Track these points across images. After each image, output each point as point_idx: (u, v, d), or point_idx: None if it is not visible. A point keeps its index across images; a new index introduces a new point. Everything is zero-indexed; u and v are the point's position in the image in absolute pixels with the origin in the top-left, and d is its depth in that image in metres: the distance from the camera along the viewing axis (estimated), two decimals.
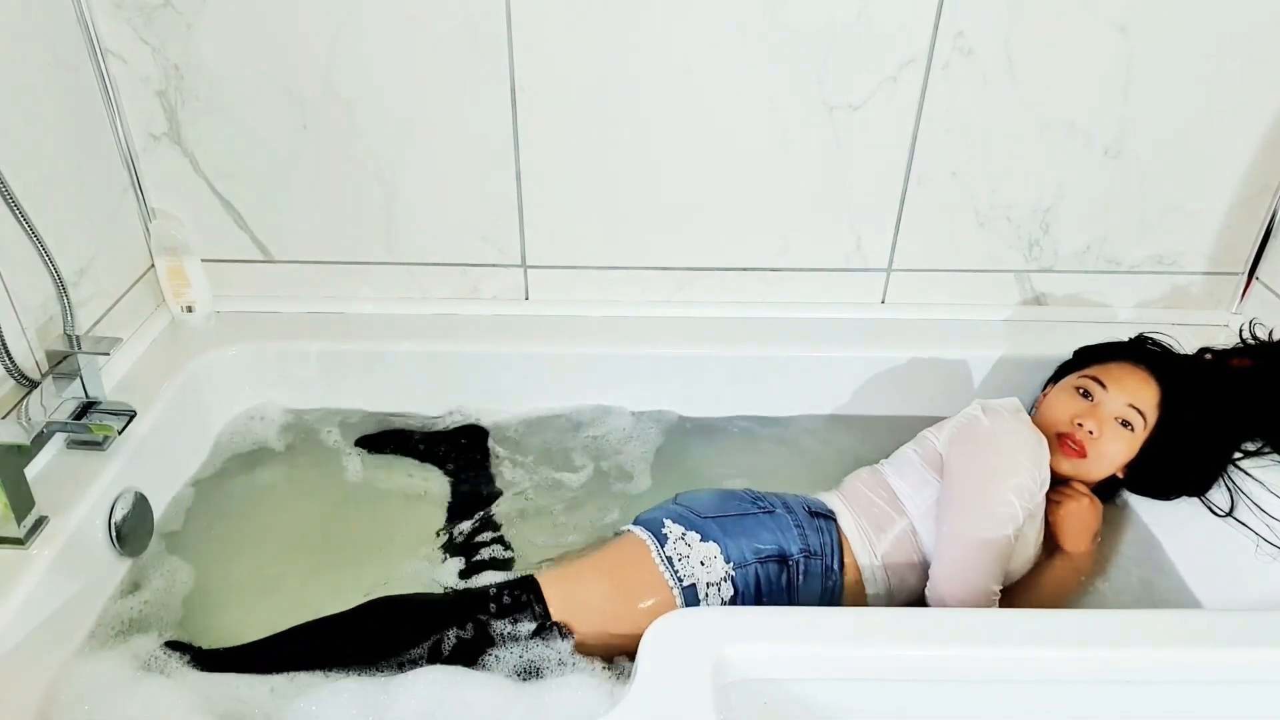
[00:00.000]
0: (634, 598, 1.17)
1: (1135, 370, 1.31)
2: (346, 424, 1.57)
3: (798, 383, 1.59)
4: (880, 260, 1.60)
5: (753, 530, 1.22)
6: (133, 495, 1.26)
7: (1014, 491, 1.19)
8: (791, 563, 1.21)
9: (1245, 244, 1.59)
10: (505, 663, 1.11)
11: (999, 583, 1.19)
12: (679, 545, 1.20)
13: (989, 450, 1.23)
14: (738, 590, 1.18)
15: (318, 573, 1.31)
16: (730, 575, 1.18)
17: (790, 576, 1.21)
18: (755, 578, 1.19)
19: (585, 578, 1.20)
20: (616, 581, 1.19)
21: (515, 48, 1.40)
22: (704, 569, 1.18)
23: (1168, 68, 1.43)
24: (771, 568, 1.20)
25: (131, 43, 1.39)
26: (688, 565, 1.18)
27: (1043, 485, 1.22)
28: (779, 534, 1.22)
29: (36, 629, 1.08)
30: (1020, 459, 1.21)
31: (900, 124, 1.47)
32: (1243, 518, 1.27)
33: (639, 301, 1.63)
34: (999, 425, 1.25)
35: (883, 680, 1.00)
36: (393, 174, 1.51)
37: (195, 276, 1.53)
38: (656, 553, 1.19)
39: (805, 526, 1.24)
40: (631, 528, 1.25)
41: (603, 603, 1.17)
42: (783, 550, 1.21)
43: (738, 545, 1.20)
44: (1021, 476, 1.20)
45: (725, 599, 1.18)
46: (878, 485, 1.31)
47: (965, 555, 1.19)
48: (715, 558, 1.19)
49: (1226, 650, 1.00)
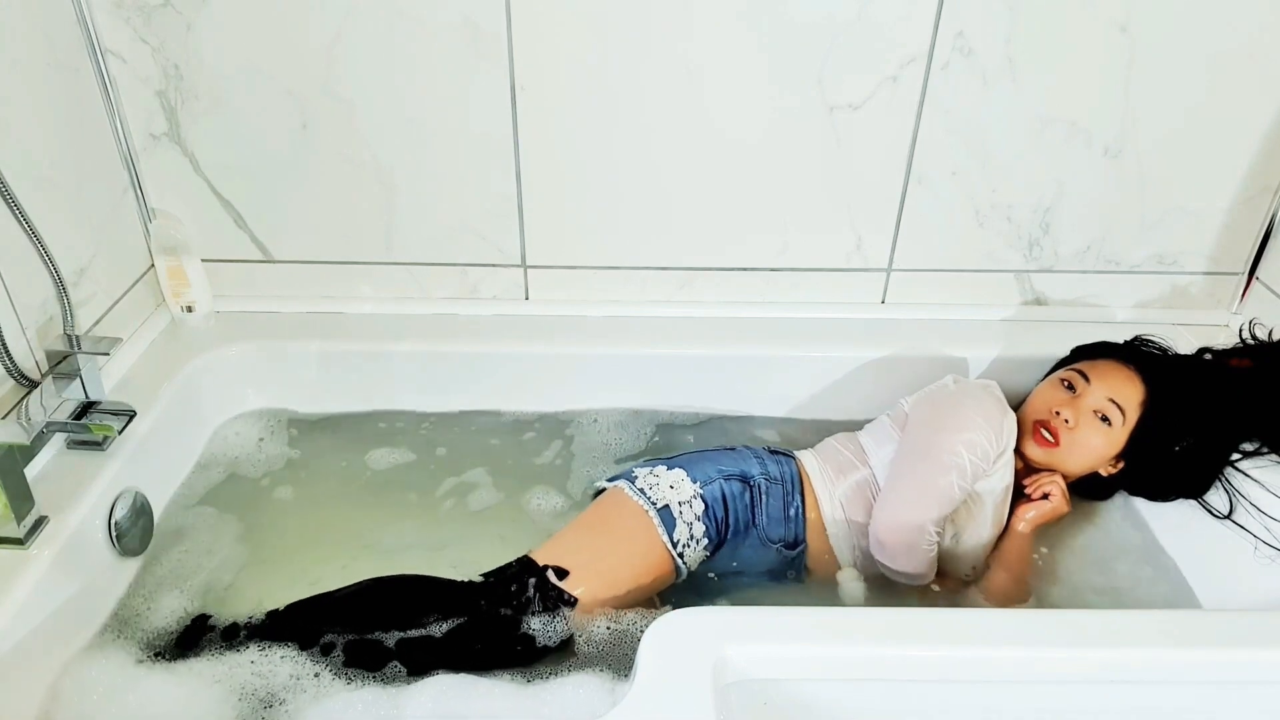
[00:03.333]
0: (619, 535, 1.25)
1: (1122, 368, 1.32)
2: (346, 424, 1.57)
3: (798, 383, 1.59)
4: (880, 260, 1.60)
5: (715, 458, 1.33)
6: (133, 495, 1.27)
7: (964, 444, 1.23)
8: (753, 483, 1.30)
9: (1245, 244, 1.59)
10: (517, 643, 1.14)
11: (936, 525, 1.23)
12: (649, 478, 1.29)
13: (947, 406, 1.30)
14: (707, 504, 1.27)
15: (319, 573, 1.31)
16: (699, 493, 1.27)
17: (753, 495, 1.29)
18: (721, 493, 1.28)
19: (572, 535, 1.27)
20: (600, 528, 1.27)
21: (515, 48, 1.40)
22: (673, 491, 1.27)
23: (1168, 68, 1.43)
24: (735, 484, 1.29)
25: (131, 43, 1.39)
26: (659, 490, 1.27)
27: (1000, 454, 1.26)
28: (740, 462, 1.32)
29: (37, 629, 1.08)
30: (976, 418, 1.26)
31: (900, 124, 1.47)
32: (1241, 519, 1.27)
33: (639, 301, 1.63)
34: (964, 389, 1.33)
35: (883, 680, 1.00)
36: (393, 174, 1.51)
37: (195, 276, 1.53)
38: (630, 490, 1.28)
39: (765, 459, 1.34)
40: (606, 484, 1.33)
41: (592, 549, 1.24)
42: (744, 472, 1.30)
43: (702, 468, 1.30)
44: (974, 433, 1.24)
45: (698, 514, 1.26)
46: (847, 440, 1.39)
47: (904, 490, 1.25)
48: (683, 480, 1.28)
49: (1226, 650, 1.00)
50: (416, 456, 1.53)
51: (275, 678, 1.09)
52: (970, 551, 1.30)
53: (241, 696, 1.07)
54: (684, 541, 1.24)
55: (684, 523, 1.25)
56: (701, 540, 1.26)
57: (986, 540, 1.29)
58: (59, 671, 1.10)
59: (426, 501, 1.45)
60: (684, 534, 1.24)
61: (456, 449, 1.54)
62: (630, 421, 1.59)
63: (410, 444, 1.55)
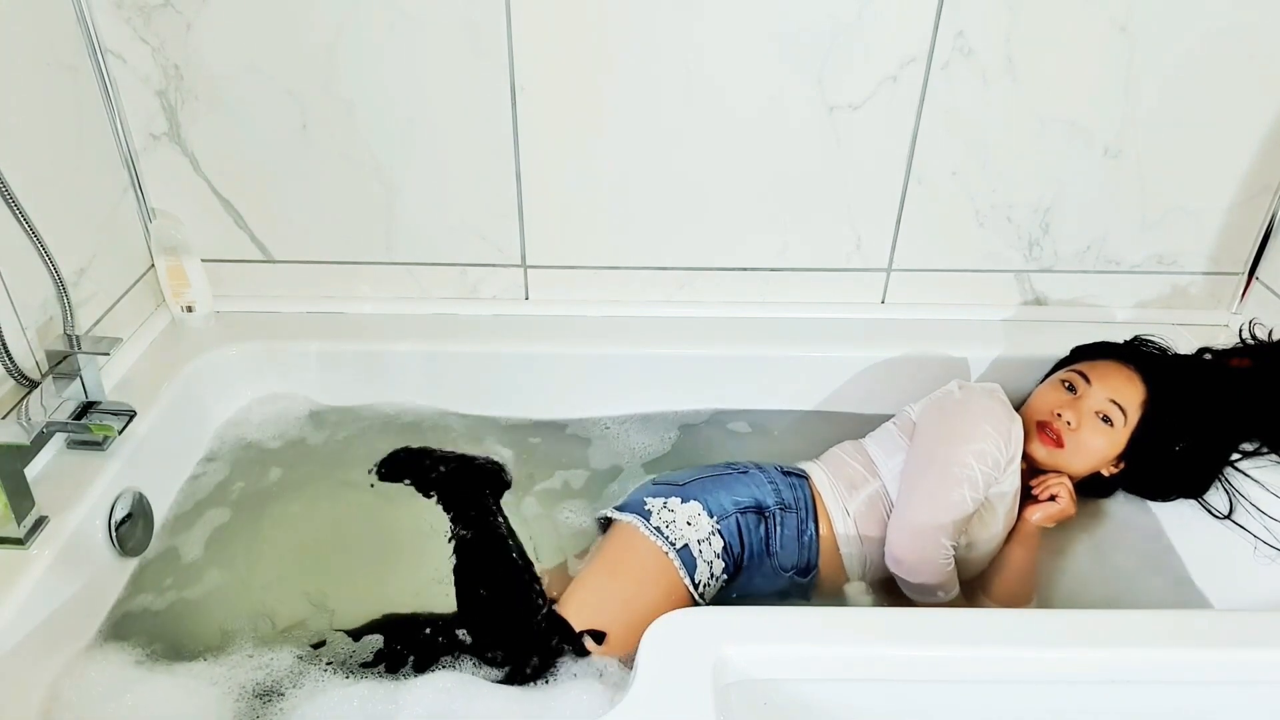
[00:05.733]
0: (641, 582, 1.20)
1: (1122, 368, 1.32)
2: (347, 424, 1.57)
3: (797, 383, 1.59)
4: (880, 260, 1.60)
5: (730, 486, 1.28)
6: (133, 495, 1.27)
7: (974, 455, 1.22)
8: (767, 514, 1.27)
9: (1245, 244, 1.59)
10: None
11: (951, 539, 1.21)
12: (663, 514, 1.25)
13: (955, 416, 1.28)
14: (725, 541, 1.24)
15: (319, 574, 1.31)
16: (716, 528, 1.24)
17: (767, 527, 1.26)
18: (737, 527, 1.25)
19: (594, 585, 1.22)
20: (623, 576, 1.22)
21: (515, 48, 1.40)
22: (691, 528, 1.23)
23: (1168, 68, 1.43)
24: (750, 518, 1.26)
25: (131, 42, 1.39)
26: (676, 529, 1.23)
27: (1010, 461, 1.24)
28: (754, 489, 1.28)
29: (37, 629, 1.08)
30: (985, 427, 1.24)
31: (900, 124, 1.47)
32: (1241, 519, 1.27)
33: (639, 301, 1.63)
34: (970, 397, 1.30)
35: (883, 680, 1.00)
36: (393, 174, 1.51)
37: (195, 276, 1.53)
38: (645, 528, 1.23)
39: (779, 483, 1.30)
40: (616, 515, 1.28)
41: (619, 601, 1.19)
42: (759, 502, 1.27)
43: (717, 499, 1.26)
44: (984, 443, 1.23)
45: (717, 551, 1.23)
46: (855, 452, 1.37)
47: (916, 506, 1.23)
48: (699, 515, 1.24)
49: (1226, 650, 1.00)
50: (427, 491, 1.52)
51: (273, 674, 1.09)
52: (984, 556, 1.29)
53: (240, 695, 1.07)
54: (704, 581, 1.22)
55: (704, 562, 1.22)
56: (721, 577, 1.24)
57: (999, 544, 1.29)
58: (59, 671, 1.10)
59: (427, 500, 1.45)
60: (705, 574, 1.21)
61: (456, 449, 1.54)
62: (630, 421, 1.59)
63: (410, 443, 1.54)
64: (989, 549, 1.28)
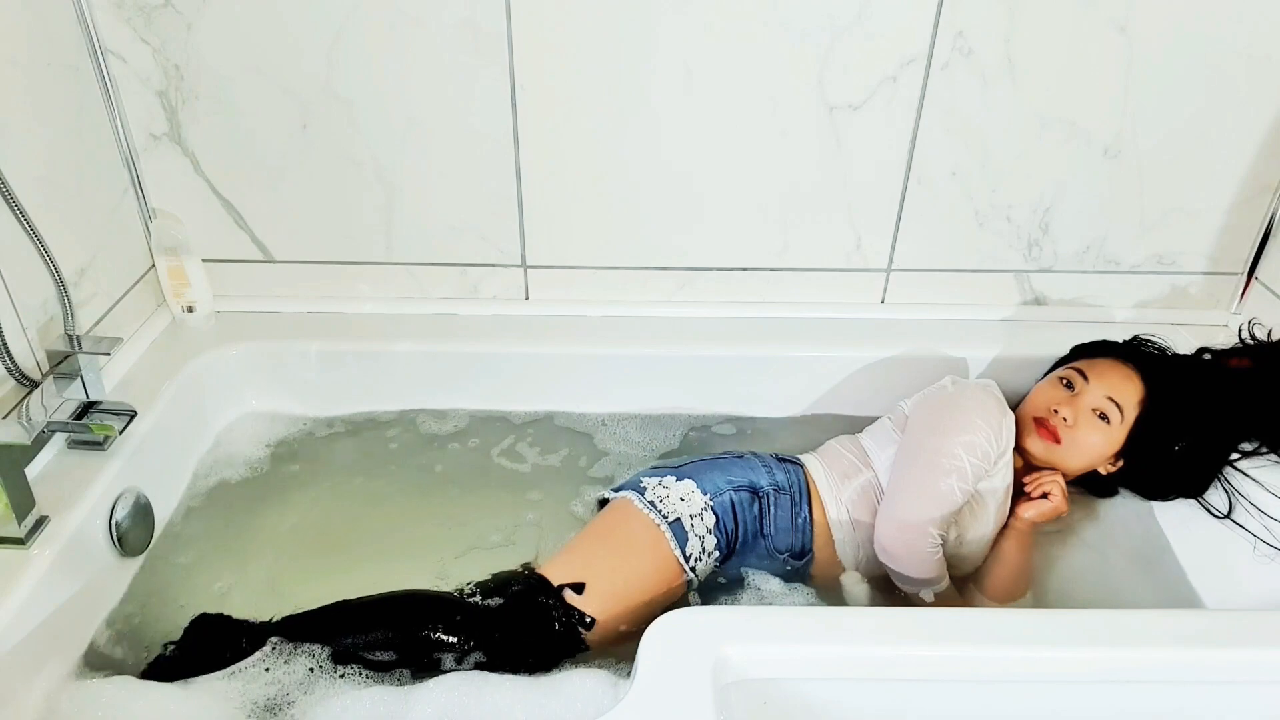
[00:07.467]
0: (631, 550, 1.23)
1: (1121, 366, 1.32)
2: (347, 424, 1.57)
3: (797, 383, 1.59)
4: (880, 260, 1.60)
5: (725, 467, 1.31)
6: (133, 495, 1.27)
7: (963, 447, 1.23)
8: (761, 494, 1.29)
9: (1245, 244, 1.59)
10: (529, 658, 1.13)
11: (939, 530, 1.22)
12: (658, 490, 1.28)
13: (947, 408, 1.29)
14: (718, 517, 1.26)
15: (319, 573, 1.31)
16: (709, 505, 1.26)
17: (761, 507, 1.28)
18: (731, 504, 1.27)
19: (582, 550, 1.25)
20: (611, 543, 1.25)
21: (515, 48, 1.41)
22: (684, 504, 1.25)
23: (1168, 68, 1.43)
24: (744, 495, 1.28)
25: (131, 43, 1.39)
26: (669, 503, 1.26)
27: (1001, 455, 1.25)
28: (749, 471, 1.31)
29: (37, 629, 1.08)
30: (975, 419, 1.25)
31: (900, 124, 1.47)
32: (1241, 518, 1.27)
33: (639, 301, 1.63)
34: (962, 390, 1.32)
35: (883, 680, 1.00)
36: (393, 174, 1.51)
37: (195, 276, 1.54)
38: (639, 502, 1.26)
39: (773, 468, 1.33)
40: (612, 494, 1.31)
41: (605, 565, 1.22)
42: (753, 483, 1.30)
43: (711, 479, 1.29)
44: (974, 434, 1.24)
45: (709, 526, 1.25)
46: (850, 444, 1.39)
47: (905, 495, 1.24)
48: (692, 492, 1.27)
49: (1226, 650, 1.00)
50: (416, 456, 1.53)
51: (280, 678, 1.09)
52: (975, 552, 1.30)
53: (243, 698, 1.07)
54: (696, 555, 1.24)
55: (696, 536, 1.24)
56: (713, 554, 1.25)
57: (990, 540, 1.30)
58: (59, 672, 1.10)
59: (427, 501, 1.45)
60: (696, 547, 1.24)
61: (456, 449, 1.54)
62: (630, 421, 1.59)
63: (410, 443, 1.55)
64: (981, 545, 1.29)
